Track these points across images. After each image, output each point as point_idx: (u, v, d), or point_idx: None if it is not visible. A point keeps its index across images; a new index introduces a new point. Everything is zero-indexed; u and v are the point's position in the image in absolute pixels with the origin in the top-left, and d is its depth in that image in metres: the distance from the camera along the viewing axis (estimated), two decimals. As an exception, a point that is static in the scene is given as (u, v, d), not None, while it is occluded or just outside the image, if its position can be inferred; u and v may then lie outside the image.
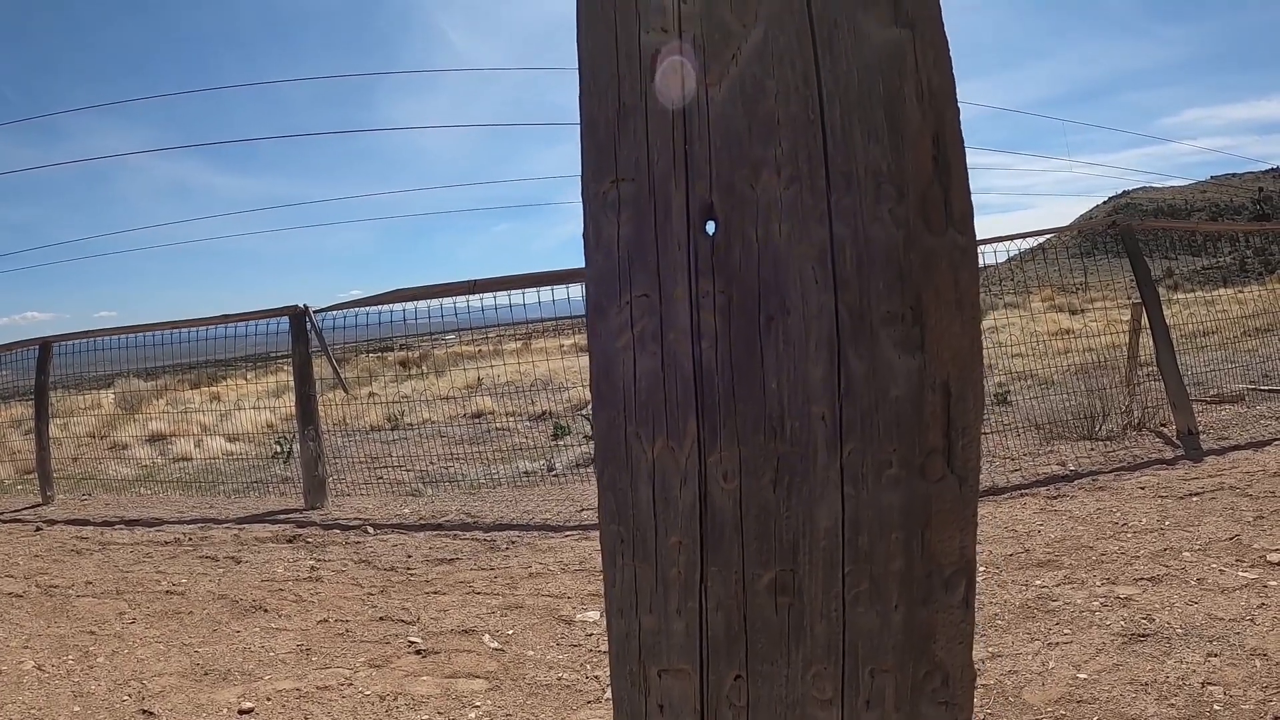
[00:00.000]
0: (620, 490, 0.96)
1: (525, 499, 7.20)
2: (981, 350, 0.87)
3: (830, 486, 0.88)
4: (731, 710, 0.96)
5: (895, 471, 0.87)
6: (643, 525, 0.95)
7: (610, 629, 1.00)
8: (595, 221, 0.95)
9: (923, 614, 0.89)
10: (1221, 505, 5.09)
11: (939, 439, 0.86)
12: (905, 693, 0.92)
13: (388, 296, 7.66)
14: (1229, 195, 79.64)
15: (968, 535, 0.88)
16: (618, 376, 0.95)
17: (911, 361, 0.86)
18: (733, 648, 0.94)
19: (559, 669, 3.68)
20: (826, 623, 0.91)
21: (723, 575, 0.93)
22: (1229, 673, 3.07)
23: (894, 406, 0.86)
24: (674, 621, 0.96)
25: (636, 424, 0.95)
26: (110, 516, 7.44)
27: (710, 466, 0.92)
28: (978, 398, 0.87)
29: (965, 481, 0.87)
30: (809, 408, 0.88)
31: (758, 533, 0.91)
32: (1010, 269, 10.36)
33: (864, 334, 0.86)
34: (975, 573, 0.89)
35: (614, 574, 0.98)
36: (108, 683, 3.72)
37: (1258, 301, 12.94)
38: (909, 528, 0.87)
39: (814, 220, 0.87)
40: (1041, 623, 3.70)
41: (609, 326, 0.95)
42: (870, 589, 0.89)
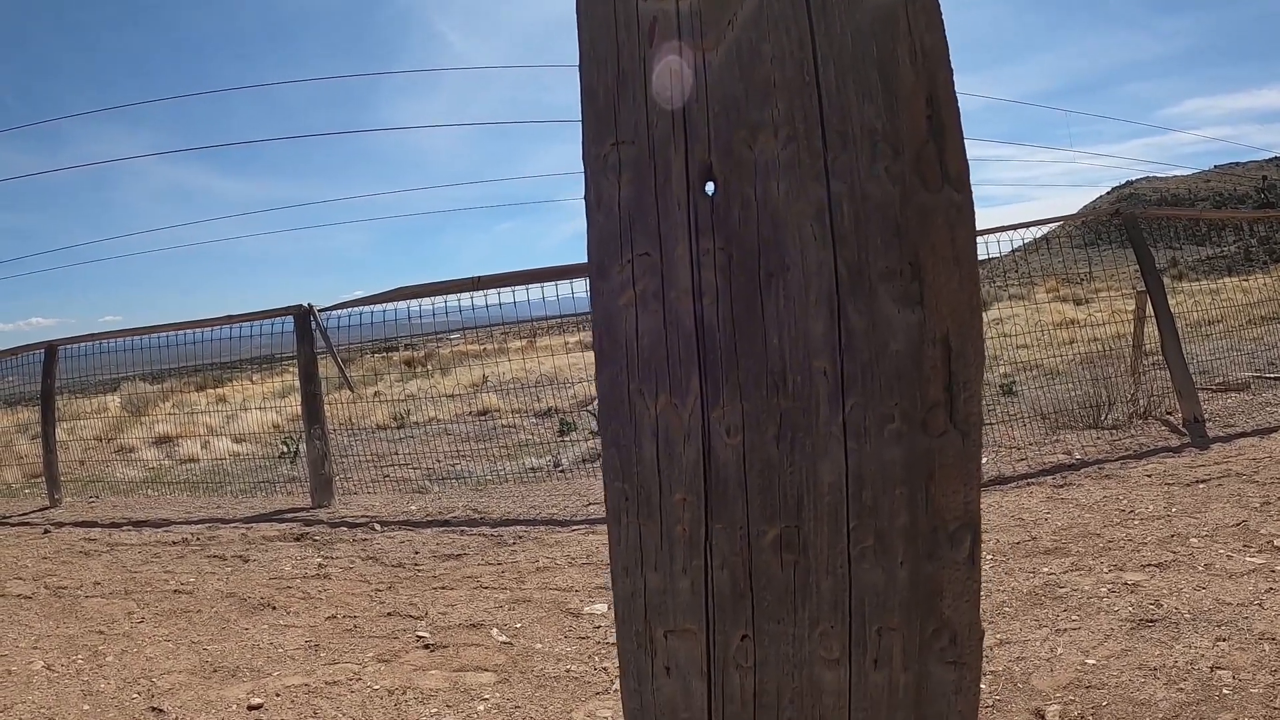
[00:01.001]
0: (624, 447, 0.97)
1: (532, 495, 7.20)
2: (980, 305, 0.87)
3: (833, 441, 0.88)
4: (739, 671, 0.96)
5: (897, 426, 0.87)
6: (647, 482, 0.95)
7: (615, 588, 1.00)
8: (596, 184, 0.95)
9: (928, 569, 0.89)
10: (1228, 492, 5.08)
11: (940, 393, 0.86)
12: (913, 651, 0.92)
13: (392, 295, 7.67)
14: (1233, 184, 79.37)
15: (972, 490, 0.88)
16: (620, 334, 0.95)
17: (911, 316, 0.86)
18: (739, 606, 0.95)
19: (567, 661, 3.68)
20: (832, 579, 0.91)
21: (727, 532, 0.93)
22: (1238, 657, 3.06)
23: (894, 361, 0.87)
24: (679, 580, 0.96)
25: (639, 381, 0.95)
26: (118, 518, 7.46)
27: (713, 422, 0.92)
28: (978, 353, 0.87)
29: (967, 436, 0.87)
30: (810, 362, 0.89)
31: (762, 488, 0.91)
32: (1014, 260, 10.34)
33: (863, 289, 0.87)
34: (980, 529, 0.89)
35: (619, 532, 0.98)
36: (117, 681, 3.73)
37: (1263, 290, 12.89)
38: (912, 482, 0.88)
39: (811, 179, 0.87)
40: (1049, 609, 3.70)
41: (611, 285, 0.95)
42: (875, 545, 0.89)
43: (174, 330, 8.70)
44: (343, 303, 7.95)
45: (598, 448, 8.45)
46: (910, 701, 0.93)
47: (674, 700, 1.00)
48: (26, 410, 11.90)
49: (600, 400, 0.98)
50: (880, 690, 0.93)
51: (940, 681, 0.93)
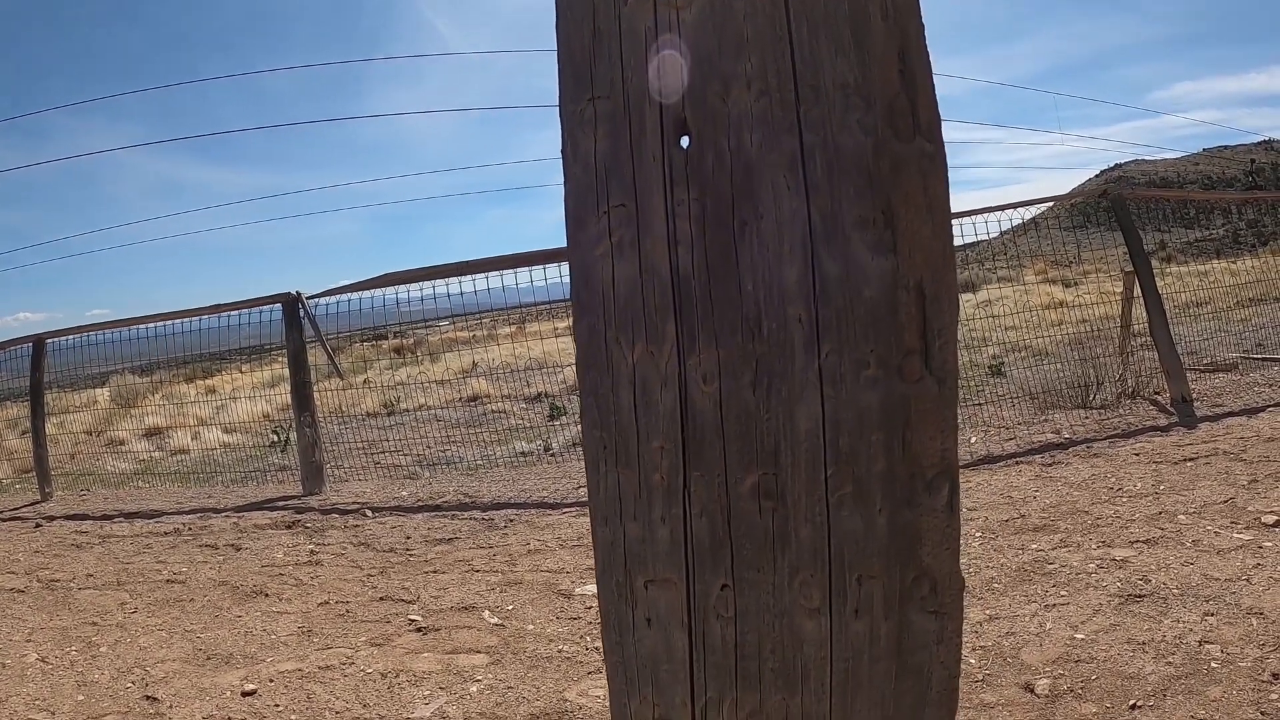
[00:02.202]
0: (602, 395, 0.97)
1: (523, 478, 7.22)
2: (954, 255, 0.88)
3: (809, 387, 0.89)
4: (719, 621, 0.97)
5: (873, 372, 0.88)
6: (624, 430, 0.96)
7: (595, 538, 1.01)
8: (573, 138, 0.96)
9: (907, 516, 0.90)
10: (1216, 470, 5.11)
11: (915, 340, 0.87)
12: (894, 600, 0.93)
13: (380, 280, 7.65)
14: (1221, 167, 79.54)
15: (949, 438, 0.88)
16: (597, 284, 0.96)
17: (884, 263, 0.87)
18: (718, 555, 0.95)
19: (559, 641, 3.70)
20: (811, 527, 0.91)
21: (705, 480, 0.93)
22: (1226, 631, 3.09)
23: (869, 307, 0.87)
24: (658, 529, 0.97)
25: (616, 329, 0.96)
26: (109, 510, 7.45)
27: (690, 369, 0.93)
28: (952, 301, 0.88)
29: (944, 383, 0.87)
30: (785, 309, 0.89)
31: (739, 435, 0.92)
32: (1003, 243, 10.36)
33: (836, 237, 0.87)
34: (958, 478, 0.90)
35: (597, 481, 0.99)
36: (111, 671, 3.73)
37: (1251, 272, 12.95)
38: (889, 428, 0.88)
39: (784, 130, 0.88)
40: (1038, 585, 3.72)
41: (587, 236, 0.96)
42: (854, 491, 0.90)
43: (162, 320, 8.66)
44: (331, 289, 7.94)
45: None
46: (892, 651, 0.94)
47: (655, 652, 1.00)
48: (15, 406, 11.86)
49: (578, 350, 0.99)
50: (861, 639, 0.94)
51: (921, 631, 0.93)
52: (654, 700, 1.02)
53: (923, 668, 0.94)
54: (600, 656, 3.46)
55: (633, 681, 1.03)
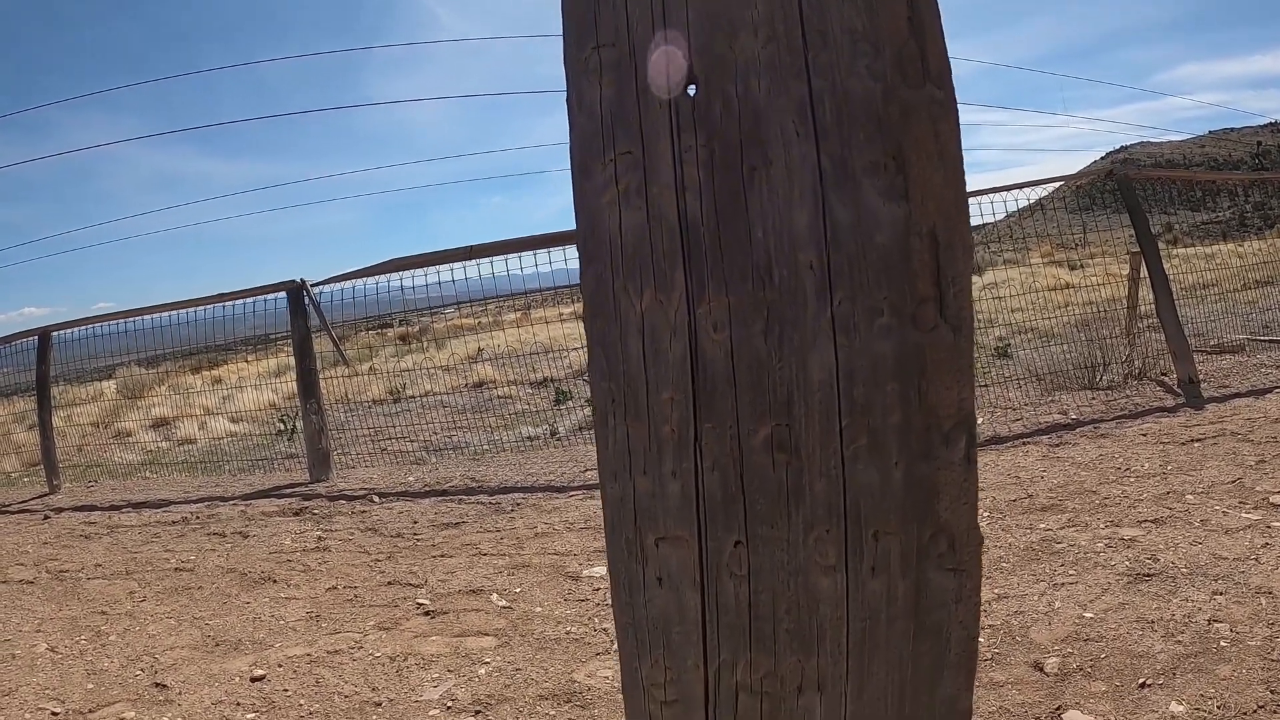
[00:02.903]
0: (610, 345, 0.96)
1: (529, 463, 7.23)
2: (967, 203, 0.87)
3: (822, 336, 0.88)
4: (733, 580, 0.95)
5: (887, 320, 0.86)
6: (634, 381, 0.95)
7: (604, 494, 0.99)
8: (578, 87, 0.95)
9: (924, 470, 0.88)
10: (1223, 450, 5.10)
11: (929, 288, 0.86)
12: (911, 557, 0.91)
13: (384, 266, 7.64)
14: (1227, 150, 79.10)
15: (965, 388, 0.87)
16: (604, 232, 0.95)
17: (896, 209, 0.86)
18: (731, 510, 0.94)
19: (567, 623, 3.70)
20: (826, 481, 0.90)
21: (717, 432, 0.92)
22: (1235, 610, 3.08)
23: (881, 254, 0.86)
24: (669, 484, 0.95)
25: (624, 278, 0.95)
26: (117, 501, 7.46)
27: (700, 317, 0.91)
28: (965, 249, 0.87)
29: (959, 332, 0.86)
30: (796, 255, 0.88)
31: (751, 385, 0.90)
32: (1009, 225, 10.32)
33: (847, 182, 0.86)
34: (975, 430, 0.88)
35: (606, 435, 0.98)
36: (120, 659, 3.74)
37: (1257, 255, 12.89)
38: (904, 378, 0.87)
39: (792, 76, 0.87)
40: (1047, 564, 3.72)
41: (594, 184, 0.95)
42: (869, 444, 0.88)
43: (167, 311, 8.65)
44: (335, 276, 7.93)
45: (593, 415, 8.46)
46: (909, 610, 0.92)
47: (667, 612, 0.99)
48: (22, 400, 11.88)
49: (585, 300, 0.97)
50: (878, 598, 0.92)
51: (940, 589, 0.92)
52: (666, 663, 1.01)
53: (941, 628, 0.93)
54: (609, 638, 3.47)
55: (644, 644, 1.02)
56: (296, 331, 7.73)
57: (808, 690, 0.96)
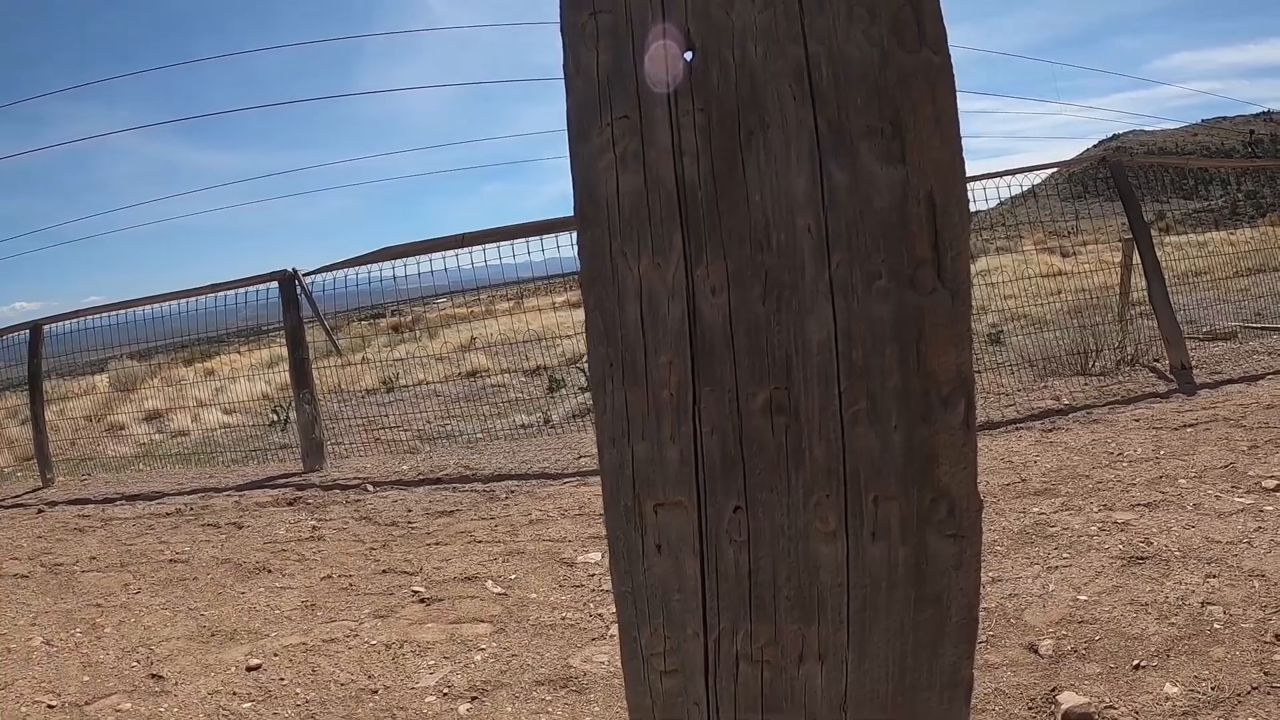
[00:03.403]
0: (607, 310, 0.95)
1: (523, 450, 7.23)
2: (964, 168, 0.87)
3: (820, 299, 0.87)
4: (732, 546, 0.95)
5: (885, 283, 0.86)
6: (631, 346, 0.94)
7: (602, 461, 0.99)
8: (575, 52, 0.94)
9: (923, 433, 0.88)
10: (1216, 436, 5.12)
11: (927, 251, 0.85)
12: (911, 522, 0.91)
13: (377, 255, 7.61)
14: (1220, 138, 79.35)
15: (963, 353, 0.87)
16: (601, 196, 0.94)
17: (894, 173, 0.85)
18: (730, 474, 0.93)
19: (562, 609, 3.71)
20: (826, 444, 0.90)
21: (716, 395, 0.92)
22: (1228, 593, 3.10)
23: (879, 217, 0.86)
24: (668, 449, 0.95)
25: (621, 241, 0.94)
26: (111, 494, 7.43)
27: (698, 281, 0.91)
28: (963, 214, 0.87)
29: (957, 295, 0.86)
30: (794, 219, 0.88)
31: (749, 348, 0.90)
32: (1001, 213, 10.33)
33: (844, 146, 0.86)
34: (974, 395, 0.88)
35: (604, 400, 0.97)
36: (116, 651, 3.74)
37: (1249, 243, 12.92)
38: (903, 341, 0.87)
39: (789, 41, 0.87)
40: (1040, 548, 3.73)
41: (590, 148, 0.94)
42: (868, 407, 0.88)
43: (159, 302, 8.60)
44: (328, 266, 7.89)
45: (587, 403, 8.46)
46: (910, 577, 0.92)
47: (666, 579, 0.99)
48: (14, 395, 11.83)
49: (582, 265, 0.97)
50: (879, 565, 0.92)
51: (940, 555, 0.92)
52: (665, 632, 1.01)
53: (941, 596, 0.93)
54: (604, 624, 3.48)
55: (642, 612, 1.02)
56: (289, 321, 7.70)
57: (808, 659, 0.96)
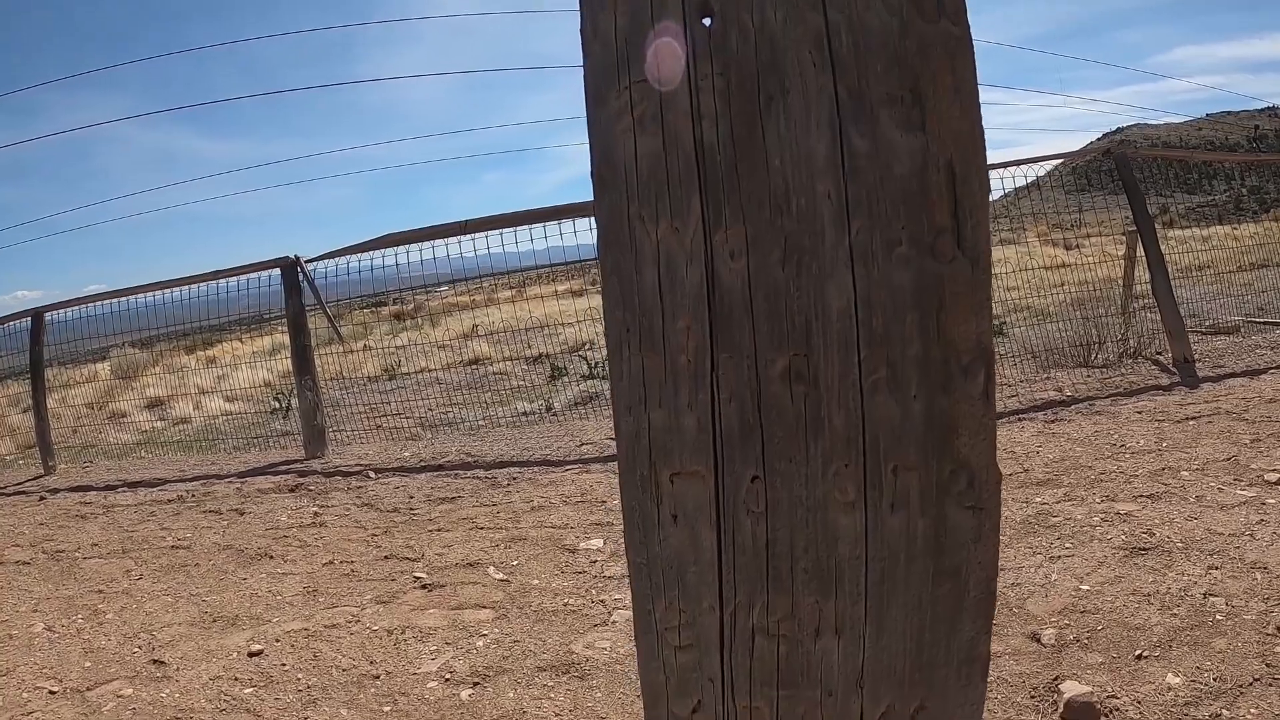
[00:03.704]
0: (625, 275, 0.94)
1: (525, 437, 7.24)
2: (984, 137, 0.86)
3: (840, 265, 0.87)
4: (750, 517, 0.94)
5: (905, 250, 0.85)
6: (649, 311, 0.93)
7: (618, 429, 0.98)
8: (592, 16, 0.93)
9: (943, 403, 0.88)
10: (1218, 429, 5.11)
11: (947, 219, 0.85)
12: (930, 494, 0.90)
13: (379, 242, 7.60)
14: (1225, 133, 79.18)
15: (984, 322, 0.86)
16: (618, 160, 0.93)
17: (914, 141, 0.85)
18: (748, 443, 0.92)
19: (564, 595, 3.71)
20: (845, 413, 0.89)
21: (734, 362, 0.91)
22: (1230, 585, 3.09)
23: (899, 184, 0.85)
24: (685, 417, 0.94)
25: (639, 205, 0.93)
26: (113, 481, 7.43)
27: (716, 245, 0.90)
28: (983, 183, 0.86)
29: (977, 264, 0.85)
30: (814, 185, 0.87)
31: (768, 314, 0.89)
32: (1004, 205, 10.30)
33: (864, 113, 0.85)
34: (994, 365, 0.88)
35: (620, 367, 0.96)
36: (117, 637, 3.74)
37: (1254, 238, 12.90)
38: (923, 309, 0.86)
39: (808, 8, 0.86)
40: (1042, 538, 3.73)
41: (608, 112, 0.94)
42: (888, 375, 0.87)
43: (161, 289, 8.60)
44: (330, 252, 7.88)
45: (589, 390, 8.47)
46: (929, 550, 0.91)
47: (682, 551, 0.98)
48: (16, 384, 11.83)
49: (599, 229, 0.96)
50: (898, 537, 0.92)
51: (959, 527, 0.91)
52: (680, 605, 1.00)
53: (960, 569, 0.93)
54: (606, 610, 3.48)
55: (657, 585, 1.01)
56: (291, 308, 7.70)
57: (825, 633, 0.95)
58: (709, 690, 1.01)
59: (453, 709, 2.87)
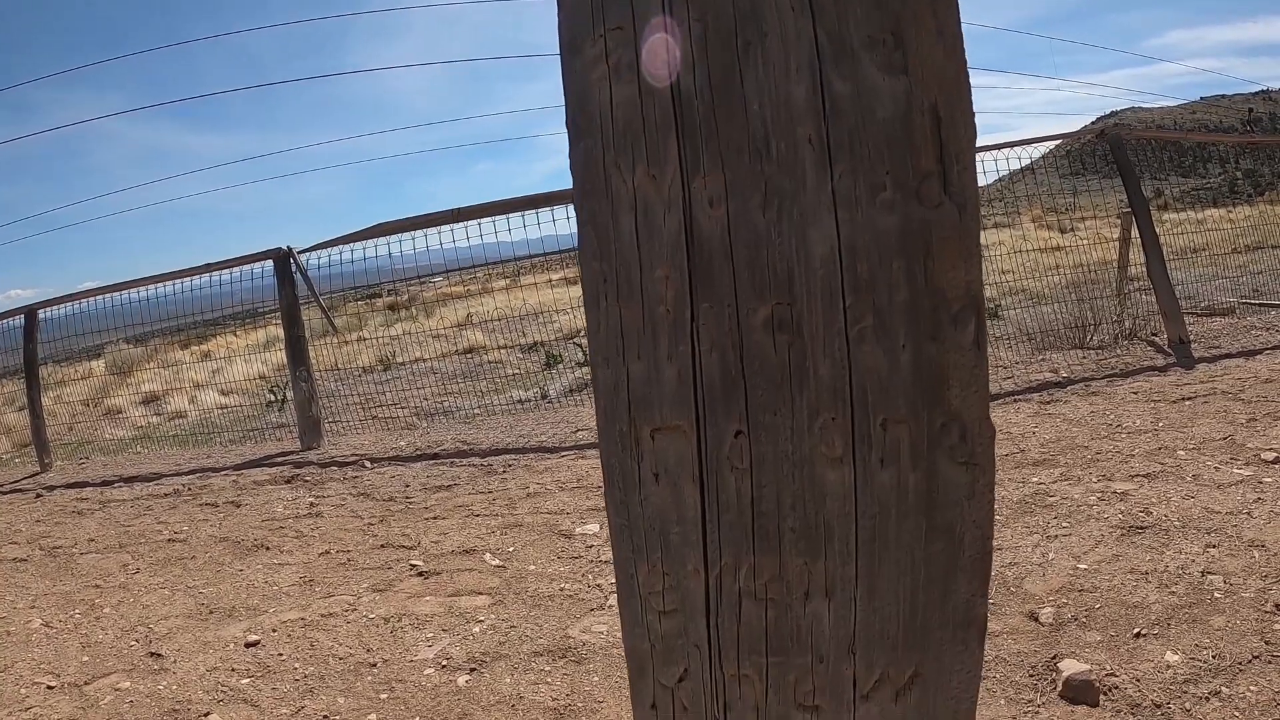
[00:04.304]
0: (601, 224, 0.92)
1: (520, 425, 7.24)
2: (968, 80, 0.84)
3: (823, 209, 0.84)
4: (734, 474, 0.92)
5: (889, 195, 0.83)
6: (626, 260, 0.91)
7: (596, 383, 0.96)
8: None
9: (932, 352, 0.85)
10: (1214, 409, 5.12)
11: (932, 163, 0.83)
12: (921, 448, 0.88)
13: (371, 231, 7.58)
14: (1219, 116, 79.21)
15: (973, 269, 0.84)
16: (594, 108, 0.92)
17: (896, 84, 0.83)
18: (731, 396, 0.90)
19: (560, 580, 3.71)
20: (831, 363, 0.87)
21: (715, 311, 0.89)
22: (1228, 563, 3.10)
23: (882, 128, 0.83)
24: (665, 368, 0.92)
25: (615, 152, 0.91)
26: (109, 476, 7.41)
27: (695, 192, 0.88)
28: (968, 126, 0.84)
29: (964, 210, 0.83)
30: (794, 129, 0.85)
31: (749, 261, 0.87)
32: (999, 189, 10.29)
33: (845, 56, 0.83)
34: (985, 314, 0.86)
35: (597, 318, 0.94)
36: (115, 631, 3.73)
37: (1247, 220, 12.90)
38: (909, 255, 0.84)
39: None
40: (1039, 517, 3.73)
41: (584, 60, 0.92)
42: (875, 323, 0.85)
43: (154, 283, 8.56)
44: (322, 243, 7.86)
45: (584, 377, 8.46)
46: (921, 507, 0.90)
47: (664, 511, 0.96)
48: (10, 383, 11.80)
49: (575, 179, 0.94)
50: (888, 493, 0.90)
51: (951, 483, 0.89)
52: (664, 568, 0.98)
53: (953, 527, 0.91)
54: (603, 594, 3.48)
55: (639, 548, 0.99)
56: (284, 299, 7.68)
57: (815, 596, 0.93)
58: (695, 657, 1.00)
59: (449, 695, 2.86)
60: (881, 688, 0.95)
